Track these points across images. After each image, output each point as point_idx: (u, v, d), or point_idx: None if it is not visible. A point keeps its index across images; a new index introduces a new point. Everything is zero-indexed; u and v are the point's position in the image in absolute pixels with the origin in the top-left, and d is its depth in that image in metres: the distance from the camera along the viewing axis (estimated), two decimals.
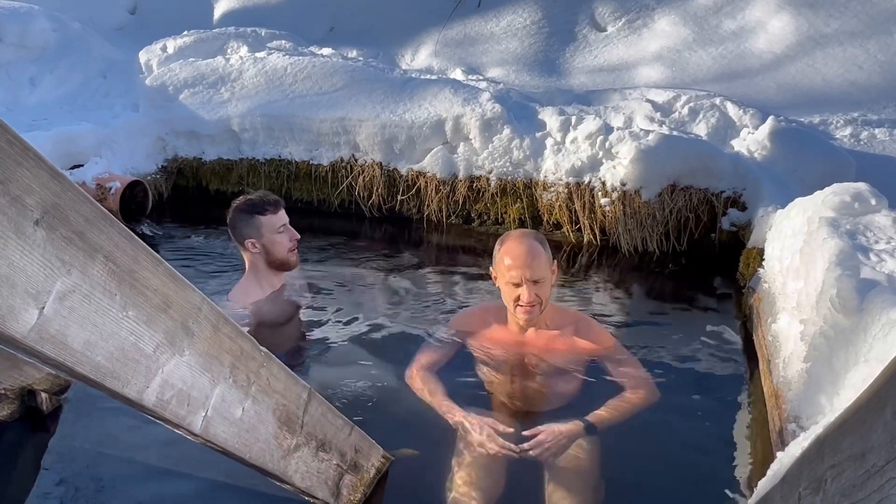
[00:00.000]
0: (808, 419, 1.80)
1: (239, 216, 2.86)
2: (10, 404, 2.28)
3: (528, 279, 2.29)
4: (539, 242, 2.34)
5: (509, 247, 2.34)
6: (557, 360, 2.46)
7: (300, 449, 1.66)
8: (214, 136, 4.88)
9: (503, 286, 2.37)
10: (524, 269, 2.28)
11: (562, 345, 2.46)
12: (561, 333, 2.46)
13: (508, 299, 2.36)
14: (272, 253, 2.87)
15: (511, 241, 2.36)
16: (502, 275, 2.34)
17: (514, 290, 2.33)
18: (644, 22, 6.28)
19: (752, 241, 3.51)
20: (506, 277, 2.32)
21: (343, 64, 4.98)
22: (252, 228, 2.84)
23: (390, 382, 2.55)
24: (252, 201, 2.88)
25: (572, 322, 2.51)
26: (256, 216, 2.83)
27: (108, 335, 1.09)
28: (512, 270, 2.30)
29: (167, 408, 1.23)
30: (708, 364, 2.79)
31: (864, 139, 4.59)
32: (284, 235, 2.87)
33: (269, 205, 2.86)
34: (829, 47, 5.56)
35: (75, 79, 5.47)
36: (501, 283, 2.38)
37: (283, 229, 2.87)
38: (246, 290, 2.89)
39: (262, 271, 2.91)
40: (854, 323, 1.79)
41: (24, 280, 0.93)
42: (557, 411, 2.31)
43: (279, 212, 2.87)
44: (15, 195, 0.92)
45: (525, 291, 2.30)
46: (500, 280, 2.39)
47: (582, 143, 4.10)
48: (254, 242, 2.85)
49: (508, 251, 2.33)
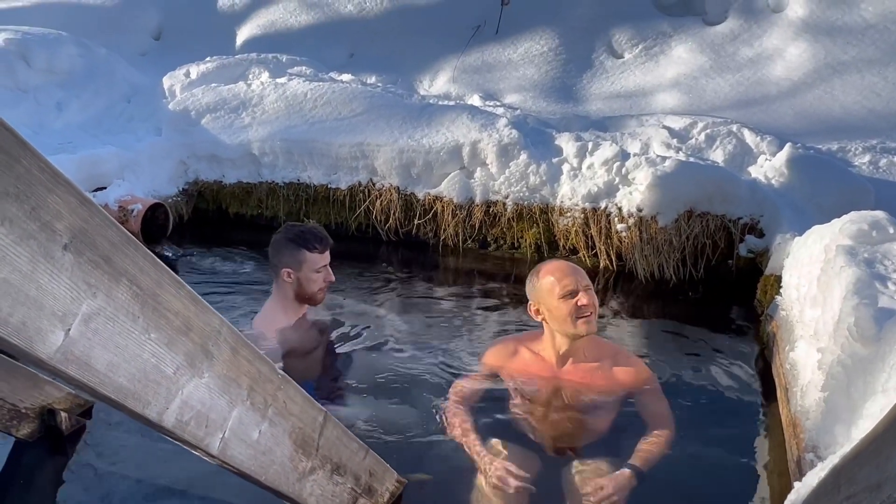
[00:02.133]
0: (825, 449, 1.78)
1: (285, 244, 2.81)
2: (30, 423, 2.30)
3: (582, 285, 2.30)
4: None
5: (550, 268, 2.37)
6: (594, 393, 2.40)
7: (315, 472, 1.67)
8: (235, 159, 4.96)
9: (556, 306, 2.31)
10: (575, 276, 2.31)
11: (600, 378, 2.40)
12: (599, 366, 2.40)
13: (565, 316, 2.30)
14: (304, 288, 2.83)
15: (548, 264, 2.40)
16: (551, 295, 2.31)
17: (569, 303, 2.28)
18: (661, 49, 6.31)
19: (770, 269, 3.49)
20: (557, 294, 2.29)
21: (362, 90, 5.05)
22: (293, 260, 2.79)
23: (405, 407, 2.56)
24: (303, 234, 2.82)
25: (611, 354, 2.46)
26: (303, 250, 2.79)
27: (131, 357, 1.11)
28: (564, 280, 2.30)
29: (186, 429, 1.25)
30: (726, 392, 2.77)
31: (883, 166, 4.56)
32: (321, 276, 2.83)
33: (319, 243, 2.81)
34: (846, 75, 5.56)
35: (100, 103, 5.59)
36: (552, 305, 2.32)
37: (323, 270, 2.83)
38: (271, 318, 2.86)
39: (288, 300, 2.87)
40: (872, 352, 1.78)
41: (51, 302, 0.96)
42: (589, 447, 2.30)
43: (325, 252, 2.83)
44: (45, 221, 0.95)
45: (584, 296, 2.29)
46: (548, 303, 2.33)
47: (598, 169, 4.12)
48: (290, 273, 2.80)
49: (551, 271, 2.35)
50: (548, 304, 2.34)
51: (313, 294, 2.85)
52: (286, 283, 2.83)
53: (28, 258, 0.92)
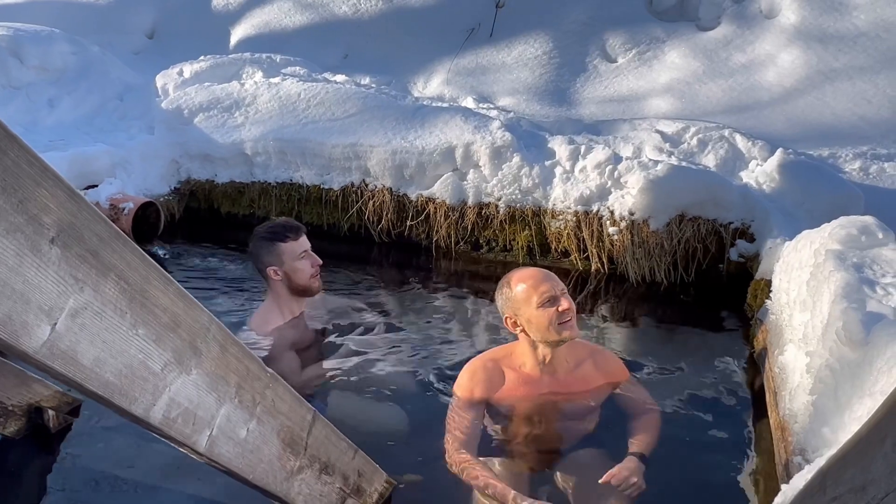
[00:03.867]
0: (813, 452, 1.79)
1: (260, 244, 2.84)
2: (17, 421, 2.29)
3: (559, 290, 2.23)
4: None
5: (521, 276, 2.28)
6: (585, 397, 2.39)
7: (303, 471, 1.67)
8: (227, 159, 4.94)
9: (534, 315, 2.22)
10: (550, 282, 2.24)
11: (587, 380, 2.38)
12: (583, 368, 2.38)
13: (546, 324, 2.21)
14: (294, 280, 2.84)
15: (518, 272, 2.32)
16: (527, 304, 2.22)
17: (549, 311, 2.20)
18: (654, 54, 6.33)
19: (760, 273, 3.50)
20: (535, 303, 2.21)
21: (356, 91, 5.04)
22: (273, 256, 2.81)
23: (395, 407, 2.56)
24: (273, 229, 2.85)
25: (588, 354, 2.44)
26: (277, 243, 2.80)
27: (118, 353, 1.10)
28: (541, 287, 2.21)
29: (173, 426, 1.25)
30: (715, 395, 2.78)
31: (873, 173, 4.59)
32: (306, 262, 2.83)
33: (291, 231, 2.83)
34: (838, 81, 5.59)
35: (93, 101, 5.56)
36: (531, 314, 2.23)
37: (305, 255, 2.83)
38: (266, 318, 2.86)
39: (283, 298, 2.88)
40: (860, 356, 1.79)
41: (38, 296, 0.96)
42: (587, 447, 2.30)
43: (300, 238, 2.84)
44: (32, 214, 0.94)
45: (564, 300, 2.22)
46: (525, 313, 2.24)
47: (591, 172, 4.13)
48: (275, 270, 2.82)
49: (523, 279, 2.26)
50: (526, 314, 2.24)
51: (307, 284, 2.85)
52: (276, 282, 2.84)
53: (14, 251, 0.92)
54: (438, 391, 2.71)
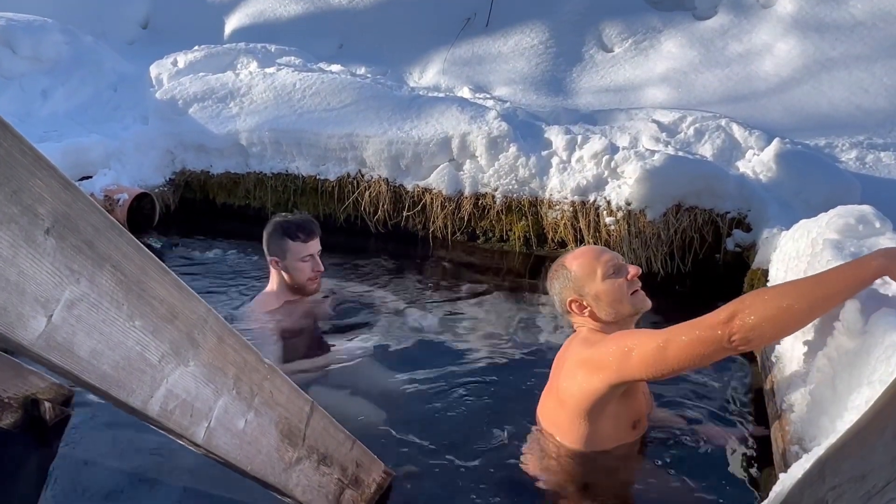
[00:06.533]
0: (810, 441, 1.79)
1: (273, 233, 2.89)
2: (13, 413, 2.28)
3: (622, 259, 2.12)
4: None
5: (577, 253, 2.15)
6: None
7: (302, 462, 1.66)
8: (222, 149, 4.92)
9: (605, 289, 2.07)
10: (612, 252, 2.13)
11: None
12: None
13: (618, 296, 2.07)
14: (292, 277, 2.91)
15: (571, 253, 2.18)
16: (591, 278, 2.07)
17: (617, 279, 2.07)
18: (651, 43, 6.32)
19: (757, 263, 3.50)
20: (599, 274, 2.07)
21: (351, 81, 5.01)
22: (279, 249, 2.87)
23: (392, 398, 2.55)
24: (287, 223, 2.89)
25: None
26: (287, 239, 2.85)
27: (115, 344, 1.10)
28: (603, 257, 2.09)
29: (171, 418, 1.24)
30: (711, 385, 2.78)
31: (870, 162, 4.59)
32: (308, 265, 2.89)
33: (302, 232, 2.86)
34: (835, 71, 5.58)
35: (87, 91, 5.53)
36: (597, 289, 2.07)
37: (309, 259, 2.89)
38: (264, 301, 2.96)
39: (280, 287, 2.97)
40: (857, 345, 1.79)
41: (33, 288, 0.95)
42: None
43: (310, 241, 2.87)
44: (27, 204, 0.93)
45: (631, 267, 2.10)
46: (591, 288, 2.08)
47: (587, 163, 4.12)
48: (276, 261, 2.90)
49: (581, 255, 2.13)
50: (592, 290, 2.08)
51: (302, 284, 2.91)
52: (275, 272, 2.90)
53: (9, 242, 0.91)
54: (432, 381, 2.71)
